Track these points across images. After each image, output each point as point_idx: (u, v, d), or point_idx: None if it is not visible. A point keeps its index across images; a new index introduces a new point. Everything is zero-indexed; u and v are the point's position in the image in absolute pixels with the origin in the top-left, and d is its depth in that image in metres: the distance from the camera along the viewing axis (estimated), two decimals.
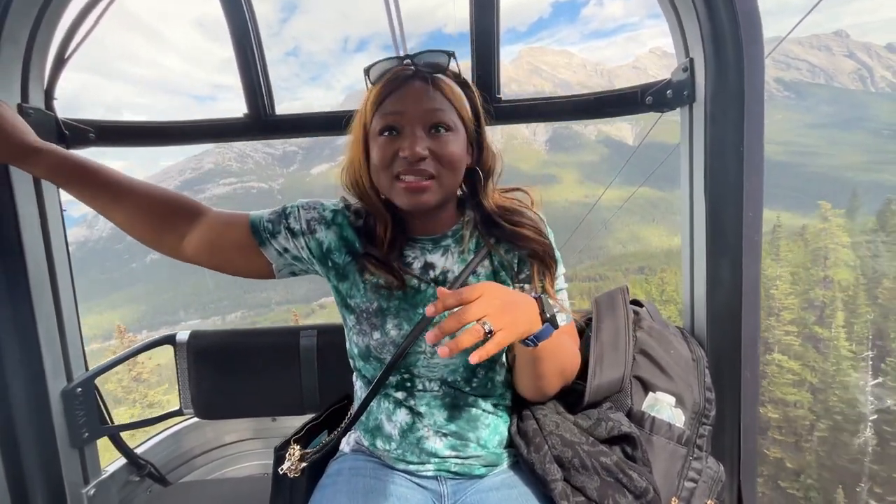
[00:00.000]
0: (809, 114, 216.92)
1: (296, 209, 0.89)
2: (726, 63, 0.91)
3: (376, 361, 0.85)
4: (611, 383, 0.90)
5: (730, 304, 0.99)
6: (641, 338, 0.99)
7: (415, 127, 0.76)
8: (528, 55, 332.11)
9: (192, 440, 1.58)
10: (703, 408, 0.92)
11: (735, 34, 0.89)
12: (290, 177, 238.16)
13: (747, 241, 0.96)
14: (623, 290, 1.02)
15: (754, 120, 0.92)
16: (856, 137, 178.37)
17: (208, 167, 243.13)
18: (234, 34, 1.17)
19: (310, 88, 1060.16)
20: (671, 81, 1.06)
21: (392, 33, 1.97)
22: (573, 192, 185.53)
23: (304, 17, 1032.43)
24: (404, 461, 0.86)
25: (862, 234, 28.37)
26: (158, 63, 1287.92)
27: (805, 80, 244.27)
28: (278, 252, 0.87)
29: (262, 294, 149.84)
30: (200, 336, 1.38)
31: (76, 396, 1.15)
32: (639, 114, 1.16)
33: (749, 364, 1.00)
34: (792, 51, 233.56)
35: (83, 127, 1.15)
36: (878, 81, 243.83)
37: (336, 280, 0.88)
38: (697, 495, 0.88)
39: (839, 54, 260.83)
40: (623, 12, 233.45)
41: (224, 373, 1.36)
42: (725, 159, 0.95)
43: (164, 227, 0.84)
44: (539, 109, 1.17)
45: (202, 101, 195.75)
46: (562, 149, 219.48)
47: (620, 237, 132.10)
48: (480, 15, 1.13)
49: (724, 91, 0.93)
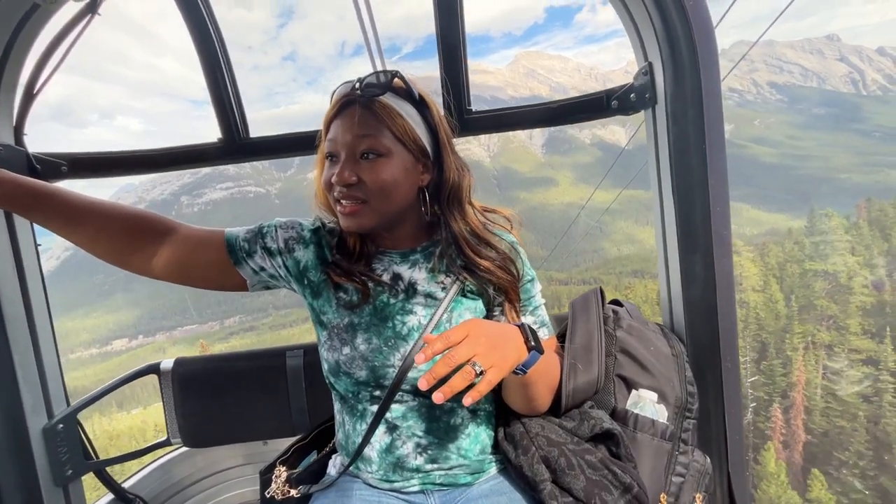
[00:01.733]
0: (802, 116, 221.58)
1: (273, 228, 0.89)
2: (682, 65, 0.95)
3: (346, 377, 0.84)
4: (586, 385, 0.90)
5: (705, 298, 1.01)
6: (622, 336, 1.00)
7: (345, 154, 0.79)
8: (524, 59, 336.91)
9: (182, 470, 1.55)
10: (685, 402, 0.93)
11: (688, 37, 0.93)
12: (288, 181, 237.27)
13: (716, 235, 0.98)
14: (596, 291, 1.03)
15: (714, 118, 0.95)
16: (848, 140, 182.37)
17: (206, 171, 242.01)
18: (204, 59, 1.18)
19: (306, 93, 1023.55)
20: (633, 85, 1.10)
21: (365, 40, 2.00)
22: (569, 194, 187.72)
23: (301, 21, 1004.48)
24: (388, 481, 0.85)
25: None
26: (154, 66, 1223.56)
27: (797, 84, 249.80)
28: (254, 271, 0.88)
29: (261, 298, 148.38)
30: (185, 363, 1.37)
31: (58, 433, 1.12)
32: (605, 118, 1.19)
33: (728, 355, 1.01)
34: (785, 54, 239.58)
35: (55, 160, 1.15)
36: (870, 84, 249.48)
37: (311, 297, 0.89)
38: (686, 490, 0.88)
39: (831, 58, 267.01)
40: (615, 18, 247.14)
41: (211, 399, 1.34)
42: (689, 157, 0.98)
43: (131, 247, 0.83)
44: (508, 119, 1.20)
45: (199, 105, 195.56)
46: (558, 152, 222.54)
47: (616, 239, 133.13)
48: (445, 29, 1.15)
49: (683, 92, 0.96)
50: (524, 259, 0.92)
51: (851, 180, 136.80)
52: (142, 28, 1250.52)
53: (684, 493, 0.88)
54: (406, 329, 0.84)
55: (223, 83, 1.20)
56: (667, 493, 0.87)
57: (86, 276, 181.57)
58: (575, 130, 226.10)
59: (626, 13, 1.04)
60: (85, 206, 0.80)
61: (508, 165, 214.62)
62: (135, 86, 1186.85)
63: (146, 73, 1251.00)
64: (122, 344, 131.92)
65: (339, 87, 0.84)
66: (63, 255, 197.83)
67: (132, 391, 66.49)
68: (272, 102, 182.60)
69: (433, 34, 1.18)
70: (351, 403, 0.87)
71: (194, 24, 1.16)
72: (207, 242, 0.86)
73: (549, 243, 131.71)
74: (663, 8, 0.94)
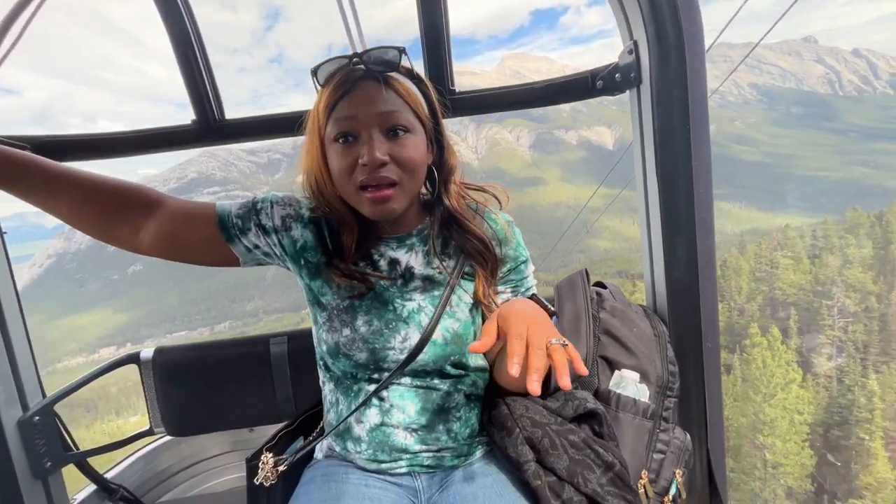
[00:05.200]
0: (781, 116, 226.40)
1: (268, 204, 0.86)
2: (668, 44, 0.93)
3: (345, 358, 0.84)
4: None
5: (687, 279, 1.02)
6: (605, 318, 1.01)
7: (371, 131, 0.74)
8: (510, 60, 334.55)
9: (166, 459, 1.54)
10: (666, 381, 0.95)
11: (674, 15, 0.91)
12: (276, 185, 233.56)
13: (699, 217, 0.99)
14: (582, 273, 1.04)
15: (698, 98, 0.94)
16: (825, 138, 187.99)
17: (192, 176, 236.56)
18: (175, 38, 1.12)
19: (293, 94, 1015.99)
20: (618, 65, 1.08)
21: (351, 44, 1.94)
22: (557, 194, 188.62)
23: (287, 24, 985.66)
24: (376, 461, 0.85)
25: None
26: (140, 70, 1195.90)
27: (777, 84, 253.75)
28: (247, 248, 0.86)
29: (251, 304, 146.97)
30: (166, 352, 1.34)
31: (34, 425, 1.10)
32: (591, 98, 1.18)
33: (710, 335, 1.03)
34: (764, 56, 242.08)
35: (16, 143, 1.09)
36: (846, 85, 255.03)
37: (308, 278, 0.87)
38: (666, 466, 0.91)
39: (808, 59, 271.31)
40: (599, 20, 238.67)
41: (194, 387, 1.32)
42: (674, 139, 0.97)
43: (117, 219, 0.80)
44: (492, 99, 1.17)
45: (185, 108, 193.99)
46: (545, 153, 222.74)
47: (605, 237, 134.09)
48: (427, 6, 1.12)
49: (668, 71, 0.95)
50: (519, 239, 0.92)
51: (830, 178, 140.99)
52: (128, 34, 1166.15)
53: (665, 469, 0.90)
54: (406, 312, 0.84)
55: (195, 62, 1.14)
56: (648, 469, 0.89)
57: (70, 283, 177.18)
58: (561, 132, 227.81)
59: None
60: (66, 174, 0.75)
61: (497, 166, 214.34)
62: (119, 90, 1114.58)
63: (131, 77, 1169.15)
64: (109, 352, 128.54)
65: (323, 63, 0.78)
66: (46, 262, 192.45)
67: (129, 400, 65.90)
68: (258, 105, 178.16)
69: (419, 37, 1.14)
70: (346, 384, 0.87)
71: (162, 1, 1.10)
72: (198, 217, 0.83)
73: (539, 242, 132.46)
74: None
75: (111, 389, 67.17)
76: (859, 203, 69.74)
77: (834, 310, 26.56)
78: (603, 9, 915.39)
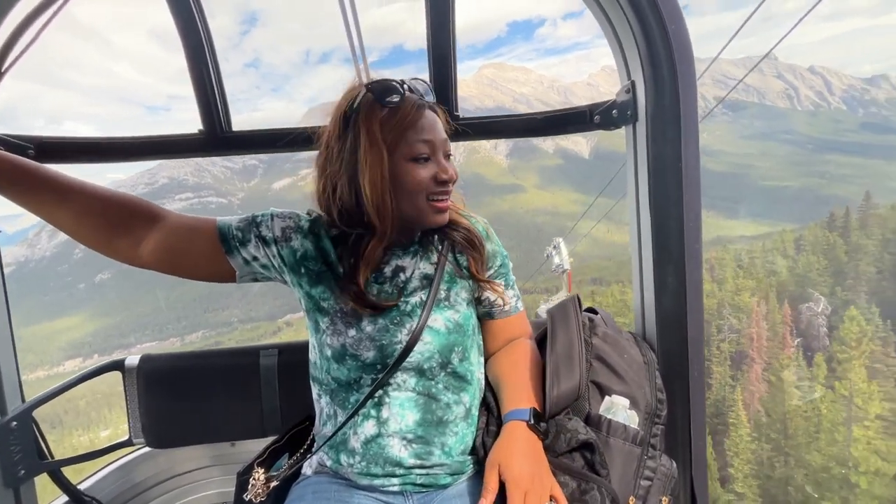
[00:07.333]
0: (744, 129, 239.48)
1: (267, 217, 0.90)
2: (663, 85, 0.99)
3: (352, 360, 0.85)
4: (569, 391, 0.93)
5: (676, 309, 1.05)
6: (597, 344, 1.03)
7: (439, 155, 0.86)
8: (487, 69, 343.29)
9: (143, 471, 1.49)
10: (655, 408, 0.97)
11: (669, 58, 0.97)
12: (251, 191, 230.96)
13: (689, 248, 1.03)
14: (574, 299, 1.07)
15: (690, 137, 1.00)
16: (784, 150, 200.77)
17: (163, 182, 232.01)
18: (189, 47, 1.15)
19: (270, 100, 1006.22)
20: (616, 102, 1.14)
21: (352, 48, 1.98)
22: (534, 201, 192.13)
23: (264, 29, 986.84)
24: (369, 475, 0.85)
25: None
26: (110, 72, 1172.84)
27: (740, 99, 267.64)
28: (245, 261, 0.88)
29: (225, 312, 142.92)
30: (152, 360, 1.31)
31: (11, 431, 1.06)
32: (589, 131, 1.23)
33: (695, 364, 1.06)
34: (729, 71, 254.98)
35: (21, 143, 1.09)
36: (804, 100, 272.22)
37: (309, 286, 0.89)
38: (653, 493, 0.92)
39: (769, 75, 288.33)
40: (575, 32, 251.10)
41: (179, 398, 1.30)
42: (666, 174, 1.03)
43: (118, 231, 0.82)
44: (495, 127, 1.22)
45: (155, 111, 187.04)
46: (522, 160, 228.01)
47: (582, 243, 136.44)
48: (437, 35, 1.17)
49: (662, 111, 1.01)
50: (495, 239, 1.00)
51: (791, 188, 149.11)
52: (97, 34, 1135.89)
53: (651, 496, 0.91)
54: (409, 307, 0.88)
55: (207, 72, 1.17)
56: (635, 496, 0.90)
57: (32, 293, 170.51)
58: (539, 140, 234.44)
59: (613, 34, 1.08)
60: (71, 184, 0.78)
61: (476, 172, 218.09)
62: (87, 91, 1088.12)
63: (100, 78, 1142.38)
64: (74, 364, 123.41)
65: (381, 85, 0.83)
66: (6, 270, 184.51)
67: (99, 414, 62.86)
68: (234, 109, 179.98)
69: (398, 45, 1.22)
70: (344, 396, 0.87)
71: (178, 10, 1.12)
72: (198, 230, 0.86)
73: (519, 248, 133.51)
74: (647, 30, 0.98)
75: (79, 403, 63.90)
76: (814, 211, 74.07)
77: (724, 326, 31.28)
78: (578, 21, 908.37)
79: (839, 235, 37.01)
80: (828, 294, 34.32)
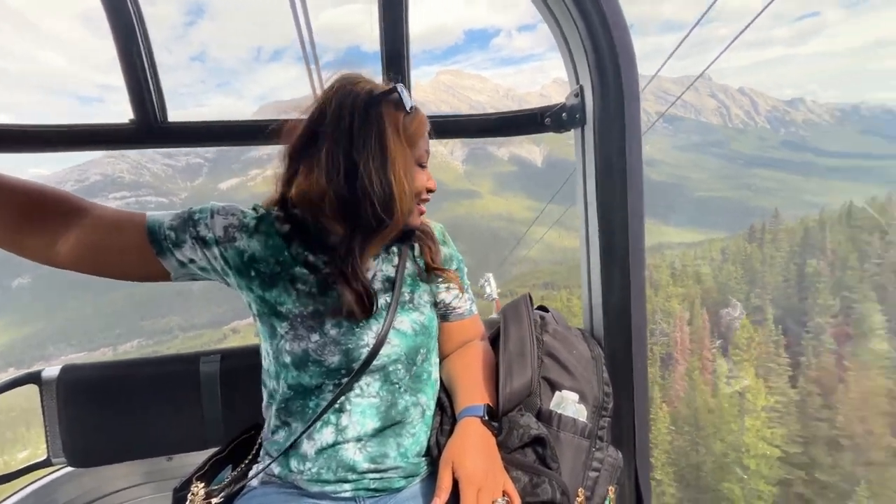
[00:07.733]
0: (682, 143, 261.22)
1: (206, 214, 0.81)
2: (608, 90, 1.03)
3: (315, 366, 0.80)
4: (522, 388, 0.94)
5: (621, 306, 1.10)
6: (548, 341, 1.06)
7: (426, 163, 0.89)
8: (444, 76, 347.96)
9: (66, 493, 1.35)
10: (602, 401, 1.01)
11: (615, 65, 1.02)
12: (195, 191, 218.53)
13: (633, 248, 1.08)
14: (526, 297, 1.09)
15: (634, 140, 1.05)
16: (716, 163, 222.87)
17: (94, 179, 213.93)
18: (117, 29, 1.05)
19: (216, 95, 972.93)
20: (566, 105, 1.17)
21: (303, 47, 1.93)
22: (489, 206, 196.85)
23: (211, 23, 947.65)
24: (319, 481, 0.81)
25: None
26: (34, 58, 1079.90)
27: (679, 114, 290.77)
28: (180, 263, 0.80)
29: (164, 320, 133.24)
30: (75, 370, 1.20)
31: None
32: (539, 133, 1.26)
33: (639, 357, 1.12)
34: (669, 88, 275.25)
35: None
36: (734, 118, 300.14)
37: (262, 289, 0.82)
38: (601, 483, 0.95)
39: (704, 93, 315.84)
40: (529, 44, 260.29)
41: (106, 411, 1.19)
42: (612, 176, 1.07)
43: (29, 227, 0.72)
44: (450, 126, 1.22)
45: (87, 102, 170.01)
46: (478, 166, 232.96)
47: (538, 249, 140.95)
48: (390, 35, 1.15)
49: (608, 114, 1.05)
50: (451, 244, 1.01)
51: (722, 198, 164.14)
52: (20, 15, 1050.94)
53: (599, 486, 0.95)
54: (375, 308, 0.84)
55: (138, 54, 1.06)
56: (584, 487, 0.93)
57: None
58: (494, 147, 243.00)
59: (563, 40, 1.11)
60: None
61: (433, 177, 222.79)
62: (8, 79, 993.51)
63: (23, 65, 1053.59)
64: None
65: (400, 91, 0.81)
66: None
67: (15, 433, 56.62)
68: (178, 103, 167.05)
69: (353, 46, 1.21)
70: (299, 403, 0.83)
71: None
72: (124, 226, 0.77)
73: (474, 253, 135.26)
74: (595, 38, 1.02)
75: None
76: (741, 222, 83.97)
77: (657, 331, 35.18)
78: (532, 34, 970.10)
79: (757, 246, 41.42)
80: (743, 300, 38.41)
